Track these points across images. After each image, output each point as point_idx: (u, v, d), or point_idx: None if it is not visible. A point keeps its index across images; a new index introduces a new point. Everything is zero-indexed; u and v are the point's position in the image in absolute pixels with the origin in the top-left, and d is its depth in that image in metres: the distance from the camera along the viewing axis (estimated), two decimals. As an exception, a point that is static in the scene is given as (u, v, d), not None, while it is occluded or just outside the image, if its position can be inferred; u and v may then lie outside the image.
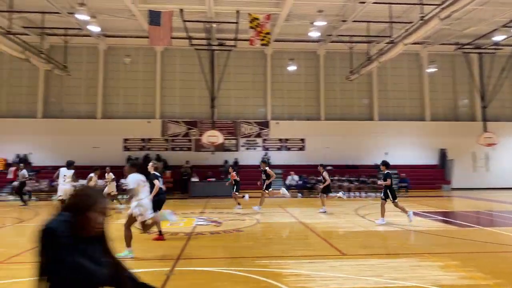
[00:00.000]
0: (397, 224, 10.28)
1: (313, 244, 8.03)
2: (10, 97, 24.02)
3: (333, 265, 6.20)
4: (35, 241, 1.83)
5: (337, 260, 6.57)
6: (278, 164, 24.23)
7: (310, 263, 6.40)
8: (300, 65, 25.52)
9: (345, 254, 7.00)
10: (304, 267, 6.11)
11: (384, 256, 6.89)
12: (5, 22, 18.14)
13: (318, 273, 5.78)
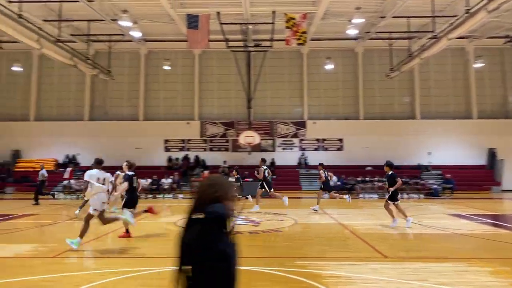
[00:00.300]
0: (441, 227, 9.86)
1: (353, 246, 7.88)
2: (59, 101, 25.53)
3: (374, 268, 6.06)
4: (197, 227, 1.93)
5: (379, 263, 6.41)
6: (315, 164, 23.97)
7: (350, 265, 6.29)
8: (337, 63, 25.11)
9: (387, 257, 6.81)
10: (344, 269, 6.01)
11: (428, 260, 6.63)
12: (55, 31, 19.32)
13: (358, 275, 5.66)
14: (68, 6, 18.33)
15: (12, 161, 24.11)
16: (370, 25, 21.73)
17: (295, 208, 15.15)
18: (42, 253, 7.01)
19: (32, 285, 5.09)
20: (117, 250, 7.33)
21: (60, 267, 6.02)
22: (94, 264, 6.27)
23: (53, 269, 5.91)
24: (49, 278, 5.39)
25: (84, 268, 5.99)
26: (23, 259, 6.67)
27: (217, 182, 2.18)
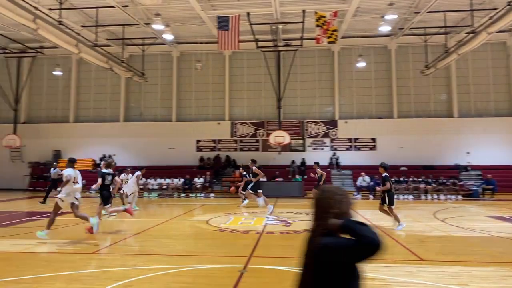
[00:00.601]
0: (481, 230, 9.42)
1: (388, 248, 7.67)
2: (96, 103, 26.54)
3: (411, 271, 5.88)
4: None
5: (415, 266, 6.21)
6: (347, 164, 23.63)
7: (386, 267, 6.13)
8: (369, 61, 24.57)
9: (424, 260, 6.59)
10: (379, 271, 5.86)
11: (468, 264, 6.35)
12: (92, 36, 20.12)
13: (394, 278, 5.52)
14: (104, 11, 19.02)
15: (53, 161, 25.28)
16: (404, 21, 21.12)
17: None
18: (83, 249, 7.32)
19: (74, 279, 5.32)
20: (153, 247, 7.52)
21: (99, 263, 6.26)
22: (132, 260, 6.46)
23: (93, 264, 6.16)
24: (89, 273, 5.62)
25: (121, 264, 6.19)
26: (66, 254, 6.99)
27: (335, 194, 2.10)
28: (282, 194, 19.73)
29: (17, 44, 23.90)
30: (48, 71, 26.68)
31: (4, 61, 25.06)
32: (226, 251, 7.30)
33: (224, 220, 11.23)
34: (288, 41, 22.57)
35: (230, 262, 6.34)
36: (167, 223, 10.86)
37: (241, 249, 7.45)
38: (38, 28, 14.52)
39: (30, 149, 25.44)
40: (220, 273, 5.80)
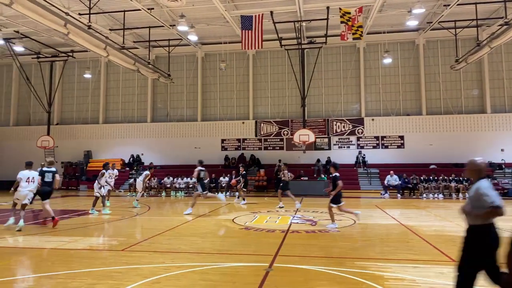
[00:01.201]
0: (519, 230, 8.99)
1: (417, 248, 7.47)
2: (124, 104, 27.26)
3: (442, 272, 5.69)
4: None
5: (446, 267, 6.00)
6: (374, 163, 23.19)
7: (415, 268, 5.97)
8: (396, 57, 24.02)
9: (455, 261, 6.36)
10: (408, 272, 5.72)
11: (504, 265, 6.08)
12: (119, 39, 20.67)
13: (424, 279, 5.36)
14: (131, 15, 19.50)
15: (85, 161, 26.23)
16: (432, 15, 20.50)
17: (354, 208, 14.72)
18: (112, 246, 7.53)
19: (104, 275, 5.47)
20: (180, 245, 7.65)
21: (128, 260, 6.42)
22: (159, 258, 6.59)
23: (122, 261, 6.32)
24: (119, 270, 5.77)
25: (150, 261, 6.33)
26: (96, 251, 7.21)
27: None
28: (307, 193, 19.60)
29: (50, 49, 24.93)
30: (78, 74, 27.64)
31: (38, 66, 26.17)
32: (252, 250, 7.31)
33: (249, 219, 11.27)
34: (312, 39, 22.38)
35: (256, 261, 6.35)
36: (193, 221, 11.01)
37: (267, 247, 7.45)
38: (69, 33, 15.05)
39: (63, 150, 26.44)
40: (246, 271, 5.82)
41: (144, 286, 5.04)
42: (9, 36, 22.56)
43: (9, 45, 23.17)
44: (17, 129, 28.01)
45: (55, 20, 14.29)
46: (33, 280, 5.26)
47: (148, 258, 6.55)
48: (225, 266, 6.04)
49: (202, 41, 25.13)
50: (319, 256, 6.83)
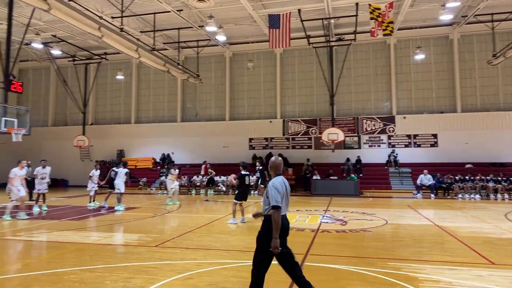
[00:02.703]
0: None
1: (453, 250, 7.24)
2: (155, 104, 27.92)
3: (480, 275, 5.50)
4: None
5: (485, 269, 5.80)
6: (406, 162, 22.60)
7: (451, 270, 5.80)
8: (429, 52, 23.29)
9: (494, 263, 6.13)
10: (444, 274, 5.56)
11: None
12: (150, 41, 21.19)
13: (461, 281, 5.20)
14: (161, 17, 19.95)
15: (118, 160, 27.04)
16: (467, 8, 19.74)
17: (385, 208, 14.45)
18: (146, 242, 7.75)
19: (138, 270, 5.66)
20: (211, 242, 7.77)
21: (162, 256, 6.60)
22: (192, 254, 6.73)
23: (156, 257, 6.50)
24: (153, 265, 5.95)
25: (182, 257, 6.48)
26: (131, 247, 7.46)
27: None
28: (337, 193, 19.38)
29: (84, 52, 25.92)
30: (111, 76, 28.57)
31: (74, 68, 27.25)
32: (282, 248, 7.32)
33: (278, 218, 11.26)
34: (341, 36, 22.06)
35: (286, 259, 6.35)
36: (223, 219, 11.14)
37: (297, 246, 7.40)
38: (103, 36, 15.59)
39: (97, 149, 27.43)
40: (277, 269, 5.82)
41: (178, 281, 5.17)
42: (47, 40, 23.63)
43: (47, 49, 24.27)
44: (55, 129, 29.30)
45: (89, 24, 14.84)
46: (75, 273, 5.51)
47: (180, 254, 6.71)
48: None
49: (230, 41, 25.34)
50: (350, 256, 6.75)
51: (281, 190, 4.19)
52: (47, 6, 12.77)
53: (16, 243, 8.01)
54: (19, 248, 7.65)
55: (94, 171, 14.91)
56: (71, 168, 27.38)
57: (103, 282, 5.09)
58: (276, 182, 4.25)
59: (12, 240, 8.23)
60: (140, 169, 25.79)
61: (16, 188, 11.01)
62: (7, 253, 7.19)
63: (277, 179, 4.30)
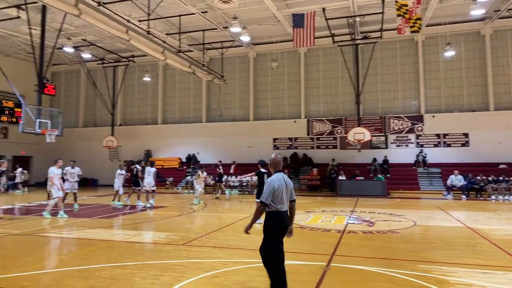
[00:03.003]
0: None
1: (486, 253, 6.98)
2: (181, 105, 28.36)
3: (516, 279, 5.27)
4: None
5: (521, 274, 5.56)
6: (435, 162, 21.96)
7: (484, 273, 5.60)
8: (459, 49, 22.53)
9: (532, 268, 5.86)
10: (477, 277, 5.37)
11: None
12: (175, 43, 21.54)
13: (495, 285, 5.01)
14: (186, 19, 20.25)
15: (145, 160, 27.65)
16: (500, 2, 18.97)
17: (414, 209, 14.10)
18: (174, 241, 7.89)
19: (166, 268, 5.77)
20: (237, 241, 7.82)
21: (189, 254, 6.70)
22: (218, 253, 6.80)
23: (183, 255, 6.61)
24: (180, 263, 6.05)
25: (208, 256, 6.56)
26: (159, 245, 7.61)
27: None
28: (363, 193, 19.07)
29: (113, 55, 26.65)
30: (138, 78, 29.24)
31: (103, 71, 28.09)
32: (308, 249, 7.29)
33: (303, 218, 11.22)
34: (367, 34, 21.69)
35: (312, 260, 6.32)
36: (248, 218, 11.16)
37: (323, 247, 7.39)
38: (130, 39, 15.98)
39: (125, 149, 28.14)
40: (303, 269, 5.82)
41: (205, 279, 5.24)
42: (78, 44, 24.45)
43: (78, 52, 25.12)
44: (85, 130, 30.29)
45: (117, 27, 15.24)
46: (106, 269, 5.68)
47: (207, 253, 6.80)
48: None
49: (253, 42, 25.40)
50: (377, 257, 6.64)
51: (278, 187, 4.32)
52: (78, 11, 13.22)
53: (50, 239, 8.34)
54: (54, 244, 7.96)
55: (119, 171, 15.27)
56: (100, 168, 28.21)
57: (133, 279, 5.23)
58: (274, 178, 4.39)
59: (46, 237, 8.57)
60: (167, 169, 26.26)
61: (56, 186, 11.37)
62: (42, 249, 7.50)
63: (276, 176, 4.44)
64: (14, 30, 22.12)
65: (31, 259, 6.44)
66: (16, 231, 9.06)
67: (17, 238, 8.35)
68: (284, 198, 4.41)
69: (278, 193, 4.33)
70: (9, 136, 27.37)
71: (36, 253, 7.04)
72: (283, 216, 4.42)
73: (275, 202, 4.36)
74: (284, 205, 4.40)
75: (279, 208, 4.37)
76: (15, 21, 19.38)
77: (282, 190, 4.37)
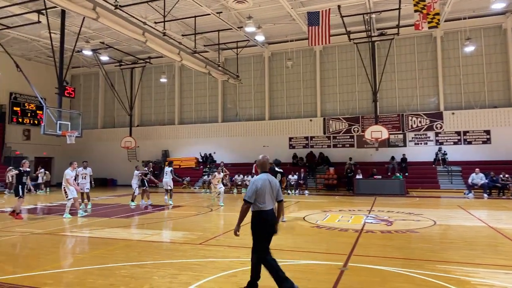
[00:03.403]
0: None
1: (509, 253, 6.78)
2: (197, 106, 28.60)
3: (541, 280, 5.11)
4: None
5: (546, 275, 5.38)
6: (455, 160, 21.49)
7: (507, 274, 5.45)
8: (479, 44, 21.98)
9: (558, 269, 5.67)
10: (499, 278, 5.23)
11: None
12: (191, 44, 21.71)
13: (519, 287, 4.86)
14: (201, 20, 20.38)
15: (163, 160, 28.04)
16: (523, -6, 18.40)
17: (434, 208, 13.83)
18: (191, 240, 7.96)
19: (184, 267, 5.83)
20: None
21: (206, 253, 6.75)
22: (235, 252, 6.83)
23: (200, 254, 6.66)
24: (197, 262, 6.10)
25: (225, 255, 6.59)
26: (176, 244, 7.70)
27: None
28: (381, 192, 18.83)
29: (130, 57, 27.09)
30: (155, 79, 29.63)
31: (120, 73, 28.57)
32: (325, 248, 7.24)
33: (320, 217, 11.16)
34: (383, 30, 21.39)
35: (329, 259, 6.27)
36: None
37: (340, 246, 7.33)
38: (147, 41, 16.22)
39: (143, 150, 28.56)
40: (319, 269, 5.79)
41: (222, 278, 5.27)
42: (96, 47, 24.94)
43: (96, 55, 25.63)
44: (104, 131, 30.89)
45: (134, 29, 15.49)
46: (125, 268, 5.78)
47: (223, 252, 6.84)
48: (298, 263, 6.08)
49: (268, 41, 25.38)
50: (396, 257, 6.54)
51: (261, 186, 4.47)
52: (96, 14, 13.49)
53: (71, 238, 8.54)
54: (74, 243, 8.15)
55: (136, 171, 15.49)
56: (119, 168, 28.71)
57: (151, 278, 5.30)
58: (258, 178, 4.56)
59: (67, 236, 8.79)
60: (184, 169, 26.53)
61: (72, 187, 11.67)
62: (63, 248, 7.69)
63: (261, 176, 4.60)
64: (35, 35, 22.74)
65: (52, 258, 6.62)
66: (39, 230, 9.31)
67: (39, 237, 8.59)
68: (268, 197, 4.52)
69: (261, 192, 4.45)
70: (32, 137, 28.18)
71: (57, 251, 7.22)
72: (268, 215, 4.54)
73: (258, 201, 4.48)
74: (267, 204, 4.51)
75: (262, 207, 4.49)
76: (36, 26, 19.95)
77: (266, 189, 4.49)
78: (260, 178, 4.57)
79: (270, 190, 4.54)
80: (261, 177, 4.58)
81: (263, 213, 4.51)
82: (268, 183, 4.55)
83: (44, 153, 28.37)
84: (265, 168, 4.75)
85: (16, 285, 5.07)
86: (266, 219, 4.55)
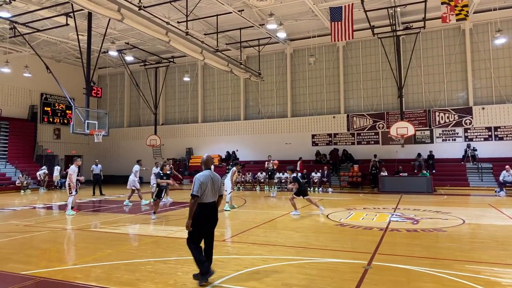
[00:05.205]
0: None
1: (542, 254, 6.51)
2: (220, 104, 28.80)
3: None
4: None
5: None
6: (486, 157, 20.75)
7: (539, 275, 5.23)
8: (511, 36, 21.05)
9: None
10: (530, 279, 5.03)
11: None
12: (213, 42, 21.87)
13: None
14: (223, 18, 20.47)
15: (187, 157, 28.47)
16: (559, -18, 17.48)
17: (463, 206, 13.41)
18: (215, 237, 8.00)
19: (208, 263, 5.90)
20: (276, 238, 7.85)
21: (229, 250, 6.82)
22: (258, 249, 6.86)
23: (223, 251, 6.73)
24: (221, 259, 6.16)
25: (248, 252, 6.63)
26: (200, 240, 7.79)
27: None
28: (407, 190, 18.42)
29: (154, 56, 27.57)
30: (179, 78, 30.04)
31: (145, 72, 29.14)
32: (348, 246, 7.17)
33: (344, 215, 11.04)
34: (409, 24, 20.83)
35: (353, 258, 6.20)
36: (287, 215, 11.18)
37: (364, 245, 7.23)
38: (170, 40, 16.44)
39: (168, 148, 29.05)
40: (343, 267, 5.73)
41: (245, 275, 5.30)
42: (121, 47, 25.52)
43: (121, 55, 26.23)
44: (130, 130, 31.63)
45: (158, 30, 15.74)
46: (150, 264, 5.92)
47: (246, 249, 6.87)
48: (322, 261, 6.04)
49: (290, 38, 25.22)
50: (422, 256, 6.39)
51: (203, 181, 5.04)
52: (121, 16, 13.80)
53: (99, 234, 8.81)
54: (102, 239, 8.39)
55: (155, 168, 15.70)
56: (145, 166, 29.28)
57: (175, 273, 5.41)
58: (201, 174, 5.13)
59: (96, 232, 9.06)
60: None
61: (72, 184, 11.99)
62: (92, 243, 7.94)
63: (203, 172, 5.17)
64: (64, 37, 23.49)
65: (82, 253, 6.85)
66: (70, 226, 9.66)
67: (70, 233, 8.90)
68: (209, 191, 5.09)
69: (204, 186, 5.02)
70: (62, 136, 29.21)
71: (87, 246, 7.47)
72: (208, 208, 5.08)
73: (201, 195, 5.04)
74: (207, 197, 5.07)
75: (203, 200, 5.04)
76: (64, 28, 20.62)
77: (208, 185, 5.06)
78: (203, 174, 5.13)
79: (211, 185, 5.11)
80: (204, 173, 5.14)
81: (204, 206, 5.05)
82: (210, 179, 5.13)
83: (73, 151, 29.34)
84: (208, 165, 5.31)
85: (49, 279, 5.29)
86: (206, 211, 5.07)
